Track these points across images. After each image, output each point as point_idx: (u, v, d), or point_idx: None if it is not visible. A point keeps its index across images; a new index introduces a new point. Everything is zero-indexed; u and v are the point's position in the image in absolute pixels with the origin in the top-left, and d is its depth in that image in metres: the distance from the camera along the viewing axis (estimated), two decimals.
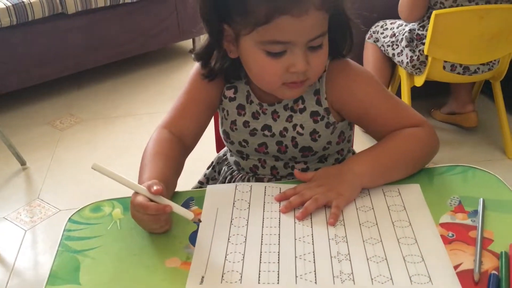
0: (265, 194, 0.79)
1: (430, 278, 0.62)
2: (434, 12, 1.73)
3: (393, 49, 1.95)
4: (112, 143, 2.21)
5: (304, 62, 0.74)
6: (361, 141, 1.02)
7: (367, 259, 0.65)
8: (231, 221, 0.73)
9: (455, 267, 0.64)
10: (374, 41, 2.06)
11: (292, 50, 0.74)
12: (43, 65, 2.47)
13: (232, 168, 0.99)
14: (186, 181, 1.01)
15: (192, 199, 0.79)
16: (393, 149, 0.81)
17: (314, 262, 0.65)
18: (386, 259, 0.65)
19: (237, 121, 0.90)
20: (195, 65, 0.90)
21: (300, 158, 0.90)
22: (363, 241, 0.68)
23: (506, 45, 1.83)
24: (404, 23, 1.95)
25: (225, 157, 1.03)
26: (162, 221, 0.69)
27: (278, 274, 0.64)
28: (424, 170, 0.83)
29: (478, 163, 1.93)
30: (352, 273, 0.63)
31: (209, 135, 1.06)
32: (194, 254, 0.67)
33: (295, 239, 0.69)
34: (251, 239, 0.70)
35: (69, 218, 0.76)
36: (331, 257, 0.66)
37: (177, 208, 0.68)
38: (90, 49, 2.60)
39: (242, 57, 0.79)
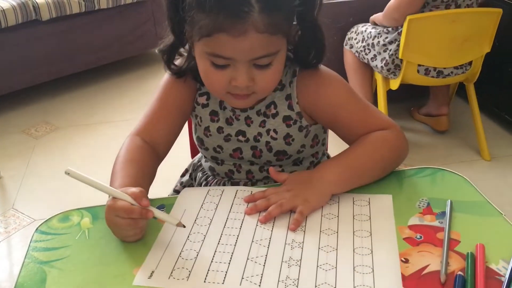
0: (235, 197, 0.80)
1: None
2: (407, 17, 1.75)
3: (366, 54, 1.97)
4: (89, 151, 2.18)
5: (246, 79, 0.75)
6: (336, 144, 1.02)
7: (317, 266, 0.65)
8: (195, 220, 0.75)
9: (423, 269, 0.65)
10: (350, 47, 2.08)
11: (234, 65, 0.75)
12: (17, 72, 2.44)
13: (206, 173, 0.98)
14: (161, 189, 1.00)
15: (163, 206, 0.78)
16: (362, 154, 0.81)
17: (264, 265, 0.66)
18: (336, 267, 0.65)
19: (211, 127, 0.89)
20: (167, 72, 0.90)
21: (275, 161, 0.90)
22: (319, 248, 0.68)
23: (478, 48, 1.87)
24: (371, 27, 1.97)
25: (199, 163, 1.03)
26: (138, 228, 0.69)
27: (226, 274, 0.64)
28: (394, 172, 0.84)
29: (453, 164, 1.96)
30: (298, 278, 0.63)
31: (183, 141, 1.06)
32: (150, 251, 0.68)
33: (252, 241, 0.70)
34: (209, 238, 0.71)
35: (36, 229, 0.74)
36: (282, 261, 0.66)
37: (160, 214, 0.69)
38: (65, 56, 2.57)
39: (196, 60, 0.80)
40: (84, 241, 0.71)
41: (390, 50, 1.87)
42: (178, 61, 0.88)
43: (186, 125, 0.95)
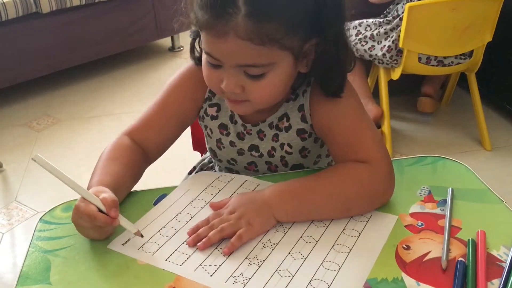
0: (240, 187, 0.79)
1: None
2: (407, 5, 1.75)
3: (362, 45, 1.96)
4: (90, 143, 2.19)
5: (232, 85, 0.71)
6: None
7: (276, 270, 0.63)
8: (191, 202, 0.76)
9: (424, 255, 0.65)
10: None
11: (225, 67, 0.71)
12: (18, 65, 2.43)
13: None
14: (163, 180, 1.01)
15: (165, 195, 0.78)
16: (322, 186, 0.73)
17: (227, 258, 0.65)
18: (293, 276, 0.62)
19: (223, 140, 0.86)
20: (173, 76, 0.86)
21: (292, 174, 0.84)
22: (289, 253, 0.66)
23: (479, 37, 1.86)
24: (365, 20, 1.96)
25: (211, 164, 1.00)
26: (104, 232, 0.68)
27: (188, 258, 0.66)
28: (395, 161, 0.84)
29: (455, 154, 1.97)
30: (250, 277, 0.62)
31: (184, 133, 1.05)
32: (138, 221, 0.72)
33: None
34: (193, 221, 0.72)
35: (40, 219, 0.75)
36: (245, 258, 0.65)
37: (123, 221, 0.68)
38: (66, 49, 2.56)
39: None
40: None
41: (392, 37, 1.87)
42: None
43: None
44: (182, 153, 1.23)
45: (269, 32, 0.66)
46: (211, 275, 0.63)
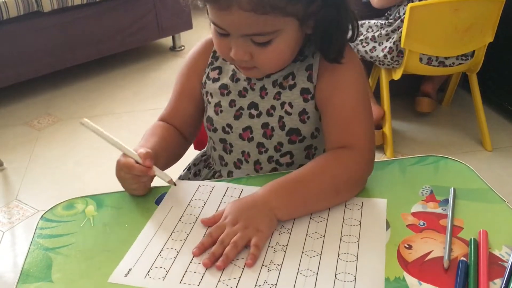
0: (224, 195, 0.77)
1: None
2: (409, 5, 1.75)
3: (363, 46, 1.96)
4: (91, 142, 2.18)
5: (241, 53, 0.74)
6: None
7: (298, 272, 0.62)
8: (181, 218, 0.73)
9: (426, 255, 0.65)
10: None
11: (232, 37, 0.73)
12: (19, 64, 2.43)
13: (213, 169, 0.95)
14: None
15: (164, 195, 0.78)
16: (311, 178, 0.74)
17: (243, 269, 0.63)
18: (317, 274, 0.62)
19: (222, 102, 0.87)
20: (184, 61, 0.92)
21: (287, 144, 0.84)
22: (302, 252, 0.65)
23: (481, 37, 1.86)
24: (367, 21, 1.97)
25: (204, 157, 1.00)
26: (141, 183, 0.76)
27: (203, 276, 0.62)
28: (397, 161, 0.84)
29: (456, 154, 1.96)
30: (276, 284, 0.61)
31: None
32: (131, 247, 0.67)
33: None
34: (192, 237, 0.69)
35: (42, 216, 0.75)
36: (262, 265, 0.63)
37: (157, 171, 0.75)
38: (67, 47, 2.57)
39: None
40: (89, 228, 0.72)
41: (393, 38, 1.87)
42: None
43: None
44: None
45: (272, 1, 0.67)
46: (241, 273, 0.62)
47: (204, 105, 0.92)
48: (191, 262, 0.65)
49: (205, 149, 1.03)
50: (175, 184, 0.76)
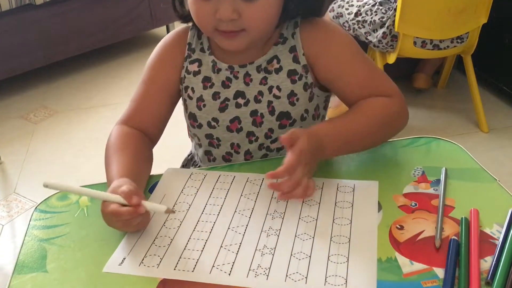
0: (217, 181, 0.78)
1: (346, 281, 0.59)
2: None
3: (360, 27, 1.95)
4: (87, 134, 2.19)
5: (229, 10, 0.72)
6: None
7: (291, 255, 0.63)
8: (174, 206, 0.73)
9: (417, 235, 0.66)
10: (337, 16, 2.02)
11: None
12: (12, 58, 2.42)
13: (199, 166, 0.93)
14: (160, 169, 1.01)
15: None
16: (358, 121, 0.78)
17: (237, 253, 0.64)
18: (310, 256, 0.63)
19: (204, 96, 0.84)
20: (151, 54, 0.88)
21: (277, 129, 0.84)
22: (295, 236, 0.66)
23: (474, 19, 1.85)
24: (369, 5, 1.93)
25: (190, 156, 0.99)
26: (136, 224, 0.66)
27: (197, 262, 0.63)
28: (389, 142, 0.84)
29: (452, 136, 1.96)
30: (269, 267, 0.61)
31: (179, 120, 1.05)
32: (124, 237, 0.67)
33: (228, 229, 0.68)
34: (185, 224, 0.69)
35: (36, 208, 0.75)
36: (255, 250, 0.64)
37: (149, 206, 0.66)
38: (60, 40, 2.55)
39: None
40: (83, 219, 0.72)
41: (386, 23, 1.86)
42: None
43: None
44: (178, 142, 1.24)
45: None
46: (229, 274, 0.61)
47: (183, 102, 0.88)
48: (184, 248, 0.65)
49: (191, 148, 1.00)
50: (174, 212, 0.70)
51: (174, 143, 1.27)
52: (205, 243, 0.66)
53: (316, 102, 0.86)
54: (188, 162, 0.99)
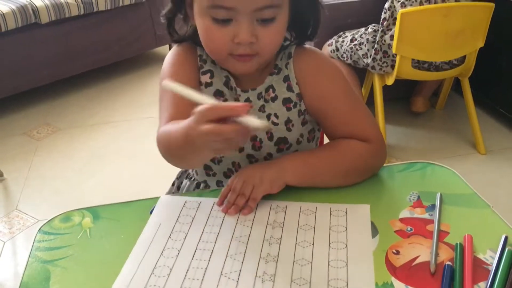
0: (211, 209, 0.78)
1: None
2: (400, 11, 1.77)
3: (357, 50, 1.99)
4: (90, 151, 2.21)
5: (249, 34, 0.73)
6: None
7: (291, 281, 0.64)
8: (170, 235, 0.73)
9: (413, 260, 0.67)
10: (335, 50, 2.10)
11: (237, 19, 0.73)
12: (18, 75, 2.46)
13: (196, 181, 0.94)
14: (160, 187, 1.02)
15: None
16: (327, 156, 0.81)
17: (237, 281, 0.64)
18: (310, 281, 0.63)
19: None
20: (163, 69, 0.87)
21: (275, 153, 0.87)
22: (293, 261, 0.67)
23: (471, 42, 1.88)
24: (364, 30, 1.99)
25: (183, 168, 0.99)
26: (236, 143, 0.60)
27: (202, 281, 0.64)
28: (385, 167, 0.86)
29: (449, 158, 1.98)
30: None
31: None
32: (124, 266, 0.68)
33: (227, 256, 0.68)
34: (183, 253, 0.69)
35: (39, 229, 0.77)
36: (255, 276, 0.65)
37: (248, 121, 0.58)
38: (65, 58, 2.59)
39: (196, 23, 0.78)
40: (85, 240, 0.74)
41: (377, 38, 1.91)
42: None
43: None
44: None
45: None
46: (236, 285, 0.63)
47: None
48: (185, 278, 0.65)
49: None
50: (271, 128, 0.76)
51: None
52: (205, 271, 0.66)
53: (311, 126, 0.89)
54: (182, 174, 1.00)
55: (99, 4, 2.59)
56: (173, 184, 1.03)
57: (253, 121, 0.58)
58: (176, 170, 1.08)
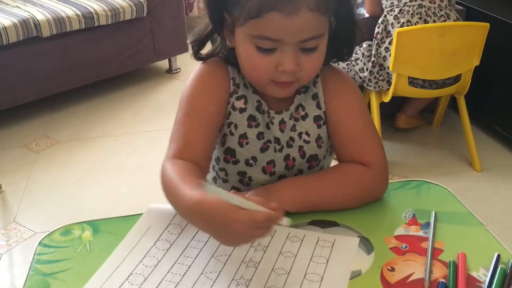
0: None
1: None
2: (396, 30, 1.81)
3: (354, 66, 2.03)
4: (89, 165, 2.22)
5: (293, 63, 0.74)
6: None
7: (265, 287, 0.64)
8: (155, 243, 0.73)
9: (408, 277, 0.68)
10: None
11: (282, 49, 0.73)
12: (18, 88, 2.47)
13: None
14: (159, 201, 1.03)
15: None
16: (325, 187, 0.81)
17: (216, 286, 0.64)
18: None
19: (249, 134, 0.85)
20: (187, 85, 0.85)
21: (306, 170, 0.88)
22: (272, 270, 0.68)
23: (467, 61, 1.92)
24: (358, 47, 2.03)
25: None
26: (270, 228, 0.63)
27: None
28: None
29: (445, 175, 2.00)
30: None
31: None
32: (100, 268, 0.69)
33: (201, 274, 0.68)
34: (161, 264, 0.69)
35: (39, 242, 0.77)
36: (233, 279, 0.65)
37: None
38: (66, 71, 2.61)
39: (236, 48, 0.78)
40: (85, 254, 0.74)
41: (373, 51, 1.95)
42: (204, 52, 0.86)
43: None
44: None
45: (329, 0, 0.73)
46: None
47: (221, 136, 0.87)
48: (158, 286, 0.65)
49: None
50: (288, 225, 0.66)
51: None
52: (176, 286, 0.66)
53: (329, 143, 0.90)
54: None
55: (100, 19, 2.62)
56: None
57: (285, 220, 0.63)
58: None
